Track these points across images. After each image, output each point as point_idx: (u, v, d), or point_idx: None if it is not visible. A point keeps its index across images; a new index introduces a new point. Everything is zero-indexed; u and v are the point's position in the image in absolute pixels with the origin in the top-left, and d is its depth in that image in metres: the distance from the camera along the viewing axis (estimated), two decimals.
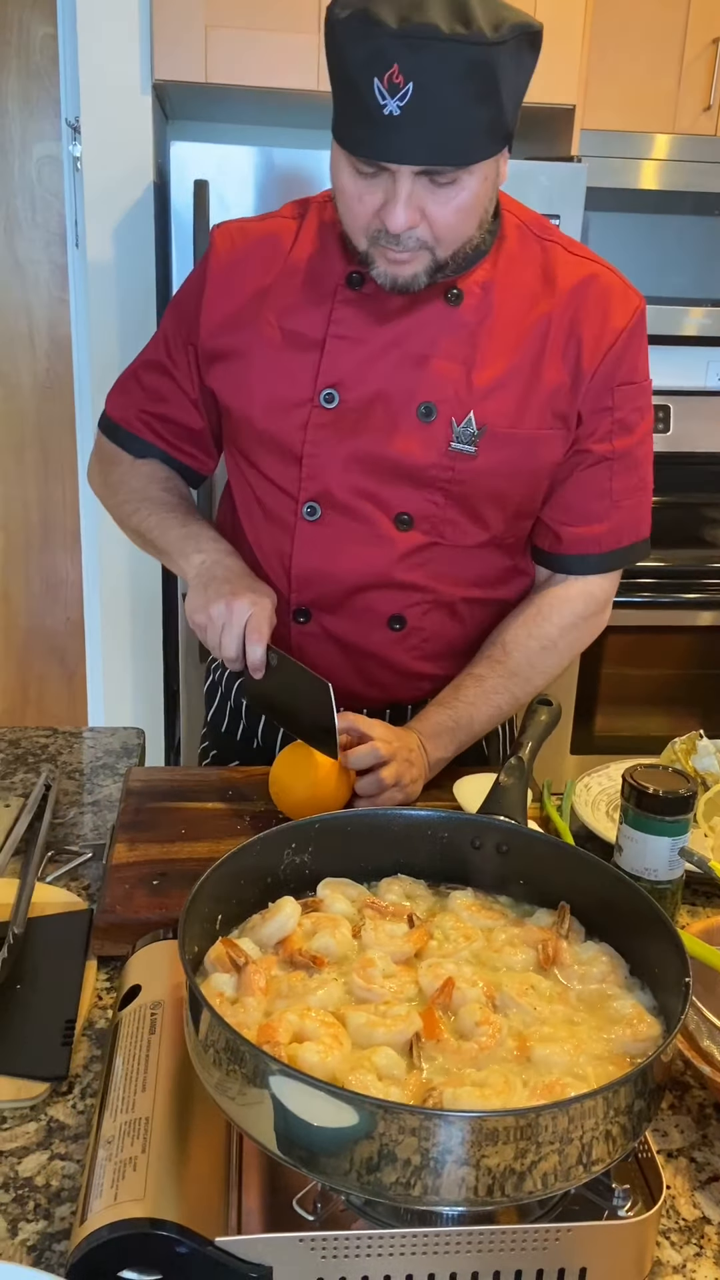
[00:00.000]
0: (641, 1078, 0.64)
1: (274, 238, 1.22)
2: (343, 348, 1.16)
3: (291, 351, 1.18)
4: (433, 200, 1.03)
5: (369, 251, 1.08)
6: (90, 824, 1.21)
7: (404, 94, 0.95)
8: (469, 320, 1.16)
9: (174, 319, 1.29)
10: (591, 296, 1.17)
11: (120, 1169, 0.66)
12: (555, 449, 1.20)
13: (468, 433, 1.16)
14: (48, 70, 2.65)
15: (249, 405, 1.21)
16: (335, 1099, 0.61)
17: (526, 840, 0.88)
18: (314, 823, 0.88)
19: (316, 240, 1.20)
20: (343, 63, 0.98)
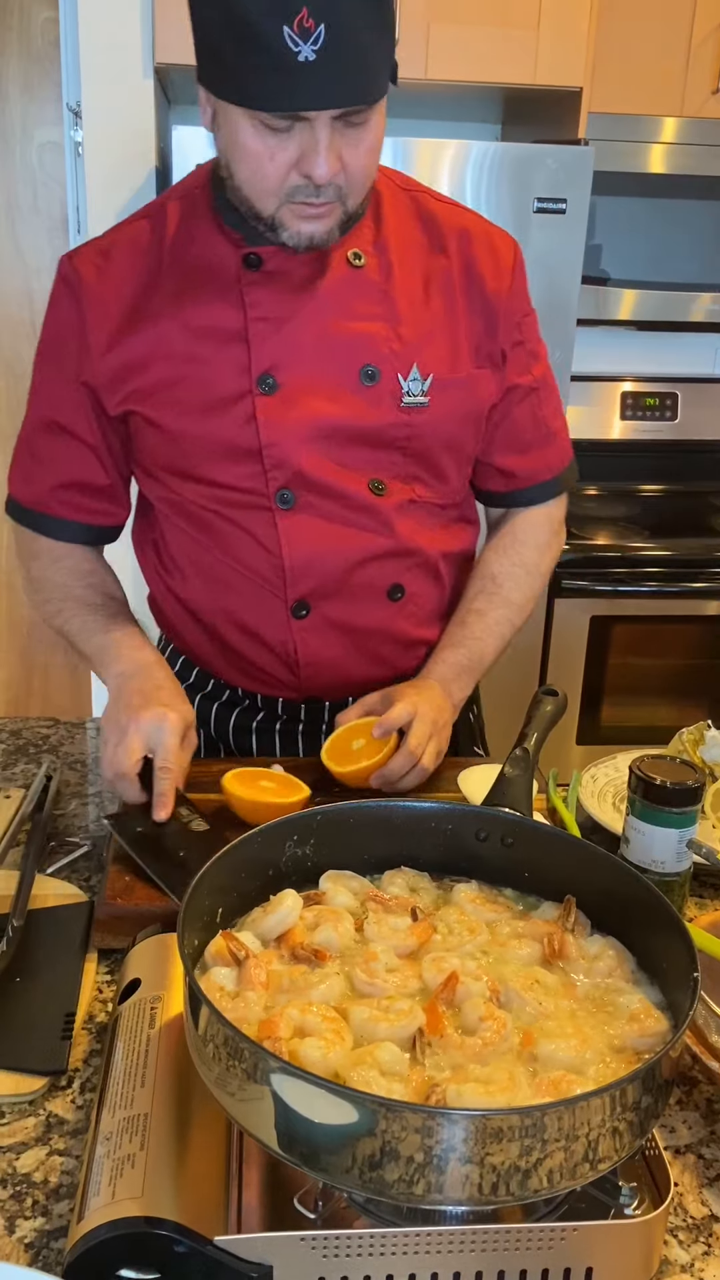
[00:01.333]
0: (649, 1074, 0.62)
1: (135, 245, 1.16)
2: (267, 330, 1.13)
3: (210, 349, 1.14)
4: (346, 144, 1.00)
5: (277, 214, 1.05)
6: (92, 816, 1.20)
7: (316, 37, 0.91)
8: (376, 279, 1.16)
9: (51, 369, 1.20)
10: (477, 241, 1.20)
11: (118, 1166, 0.65)
12: (491, 389, 1.23)
13: (417, 385, 1.16)
14: (49, 55, 2.63)
15: (181, 417, 1.15)
16: (337, 1096, 0.59)
17: (531, 832, 0.87)
18: (316, 814, 0.86)
19: (185, 233, 1.15)
20: (240, 16, 0.92)
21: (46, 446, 1.22)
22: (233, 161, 1.04)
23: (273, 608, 1.22)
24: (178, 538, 1.25)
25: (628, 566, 2.52)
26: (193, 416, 1.15)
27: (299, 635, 1.24)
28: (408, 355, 1.16)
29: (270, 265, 1.12)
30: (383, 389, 1.16)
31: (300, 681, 1.27)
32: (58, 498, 1.23)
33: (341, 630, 1.24)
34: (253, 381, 1.13)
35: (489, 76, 2.32)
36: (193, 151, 2.22)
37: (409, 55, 2.28)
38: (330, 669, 1.26)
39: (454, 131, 2.75)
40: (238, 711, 1.34)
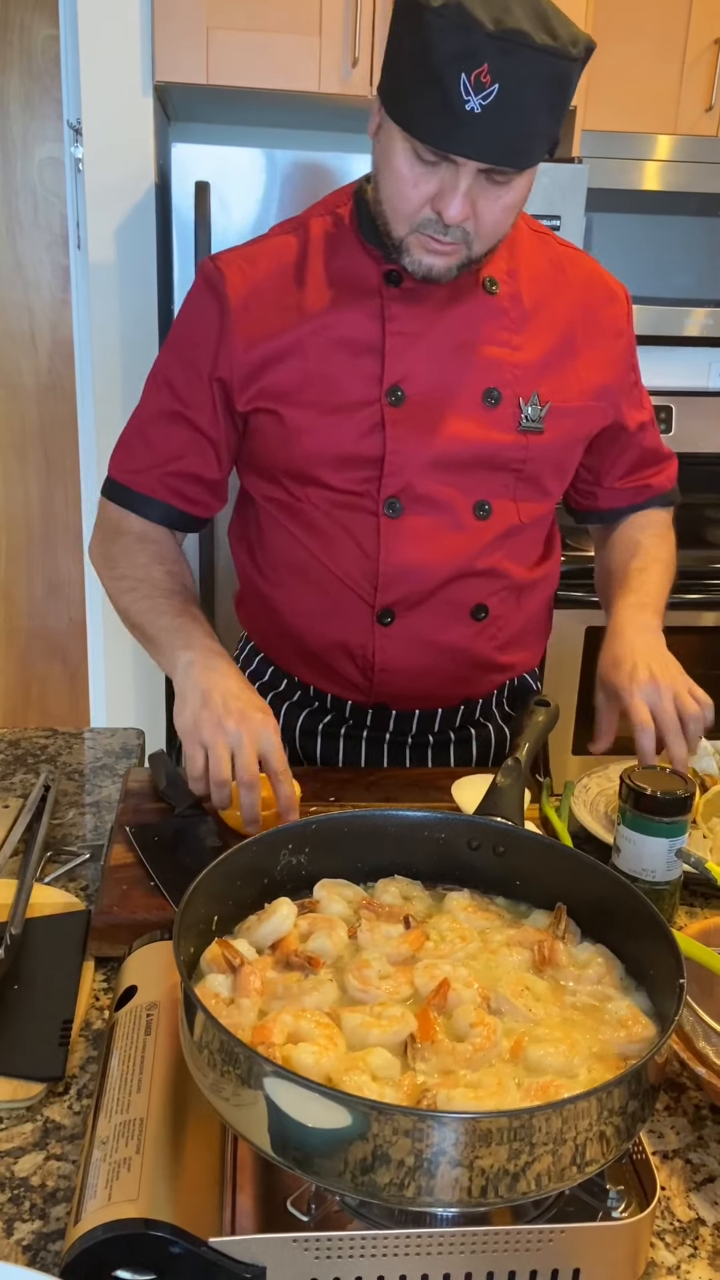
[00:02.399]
0: (635, 1079, 0.64)
1: (280, 257, 1.21)
2: (402, 344, 1.18)
3: (346, 356, 1.18)
4: (484, 197, 1.06)
5: (406, 239, 1.10)
6: (89, 825, 1.21)
7: (489, 93, 0.97)
8: (507, 306, 1.21)
9: (182, 362, 1.24)
10: (597, 286, 1.28)
11: (115, 1169, 0.66)
12: (599, 421, 1.30)
13: (536, 410, 1.22)
14: (50, 72, 2.66)
15: (308, 418, 1.19)
16: (329, 1100, 0.61)
17: (523, 842, 0.88)
18: (310, 823, 0.88)
19: (330, 248, 1.20)
20: (428, 52, 0.98)
21: (163, 435, 1.25)
22: (381, 175, 1.10)
23: (359, 611, 1.26)
24: (278, 536, 1.28)
25: None
26: (319, 419, 1.19)
27: (380, 641, 1.27)
28: (529, 382, 1.22)
29: (410, 283, 1.17)
30: (503, 412, 1.21)
31: (372, 686, 1.30)
32: (165, 483, 1.25)
33: (421, 642, 1.27)
34: (382, 392, 1.18)
35: None
36: (191, 168, 2.24)
37: None
38: (403, 678, 1.29)
39: None
40: (306, 713, 1.37)
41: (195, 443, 1.24)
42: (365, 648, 1.27)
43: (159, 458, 1.25)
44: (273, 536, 1.29)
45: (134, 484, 1.26)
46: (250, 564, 1.34)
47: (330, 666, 1.31)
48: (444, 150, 1.02)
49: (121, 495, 1.27)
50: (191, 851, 1.06)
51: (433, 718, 1.35)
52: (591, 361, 1.26)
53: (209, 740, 1.04)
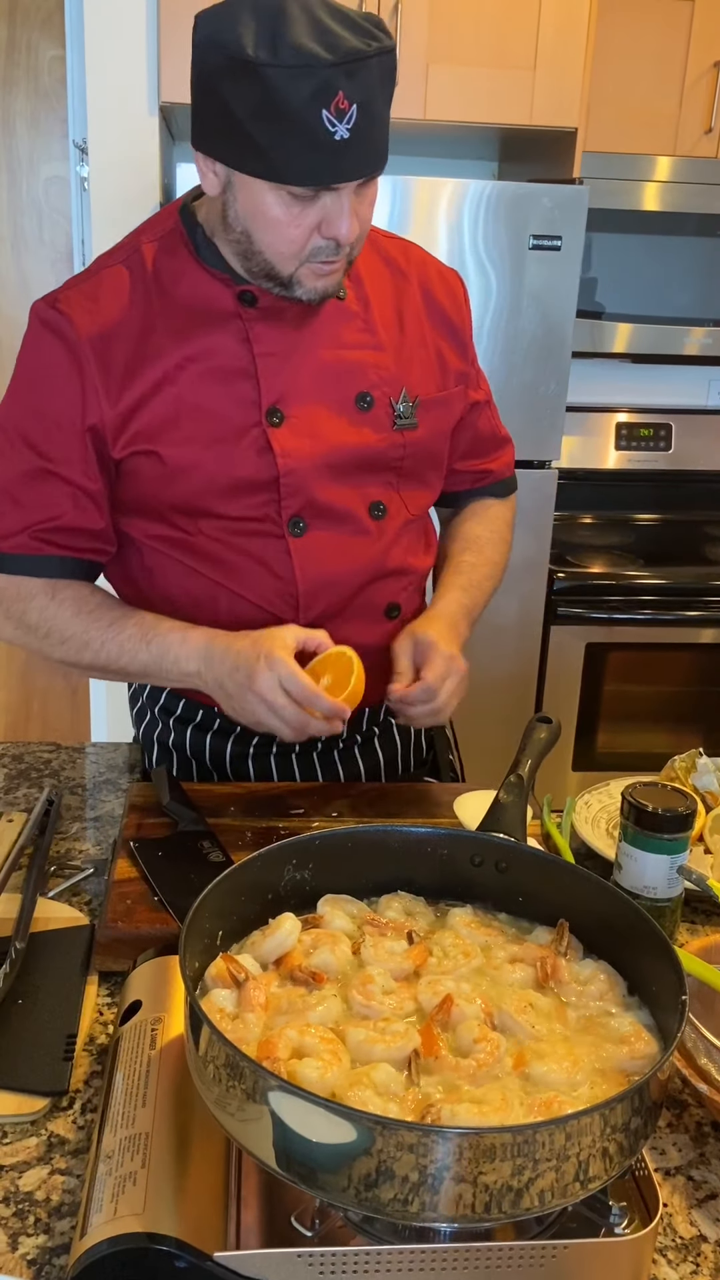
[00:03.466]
0: (638, 1095, 0.64)
1: (119, 290, 1.16)
2: (273, 365, 1.17)
3: (219, 384, 1.16)
4: (360, 204, 1.08)
5: (296, 273, 1.10)
6: (92, 839, 1.22)
7: (350, 116, 0.99)
8: (358, 310, 1.23)
9: (40, 416, 1.16)
10: (430, 271, 1.30)
11: (120, 1184, 0.67)
12: (461, 405, 1.33)
13: (407, 407, 1.24)
14: (56, 91, 2.69)
15: (189, 453, 1.16)
16: (334, 1115, 0.61)
17: (525, 858, 0.89)
18: (315, 839, 0.88)
19: (169, 273, 1.17)
20: (281, 102, 0.98)
21: (32, 495, 1.17)
22: (254, 229, 1.08)
23: None
24: (172, 573, 1.24)
25: (623, 594, 2.55)
26: (201, 451, 1.16)
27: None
28: (395, 380, 1.24)
29: (265, 302, 1.16)
30: (378, 413, 1.23)
31: None
32: (44, 539, 1.18)
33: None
34: (262, 414, 1.17)
35: (486, 117, 2.38)
36: None
37: (408, 96, 2.34)
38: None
39: (452, 170, 2.81)
40: (232, 739, 1.34)
41: (73, 497, 1.17)
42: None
43: (35, 518, 1.17)
44: (165, 575, 1.24)
45: (15, 548, 1.18)
46: (143, 603, 1.26)
47: None
48: (326, 184, 1.03)
49: (7, 563, 1.19)
50: (195, 867, 1.07)
51: (360, 719, 1.36)
52: (443, 347, 1.29)
53: (255, 720, 1.12)
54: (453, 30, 2.33)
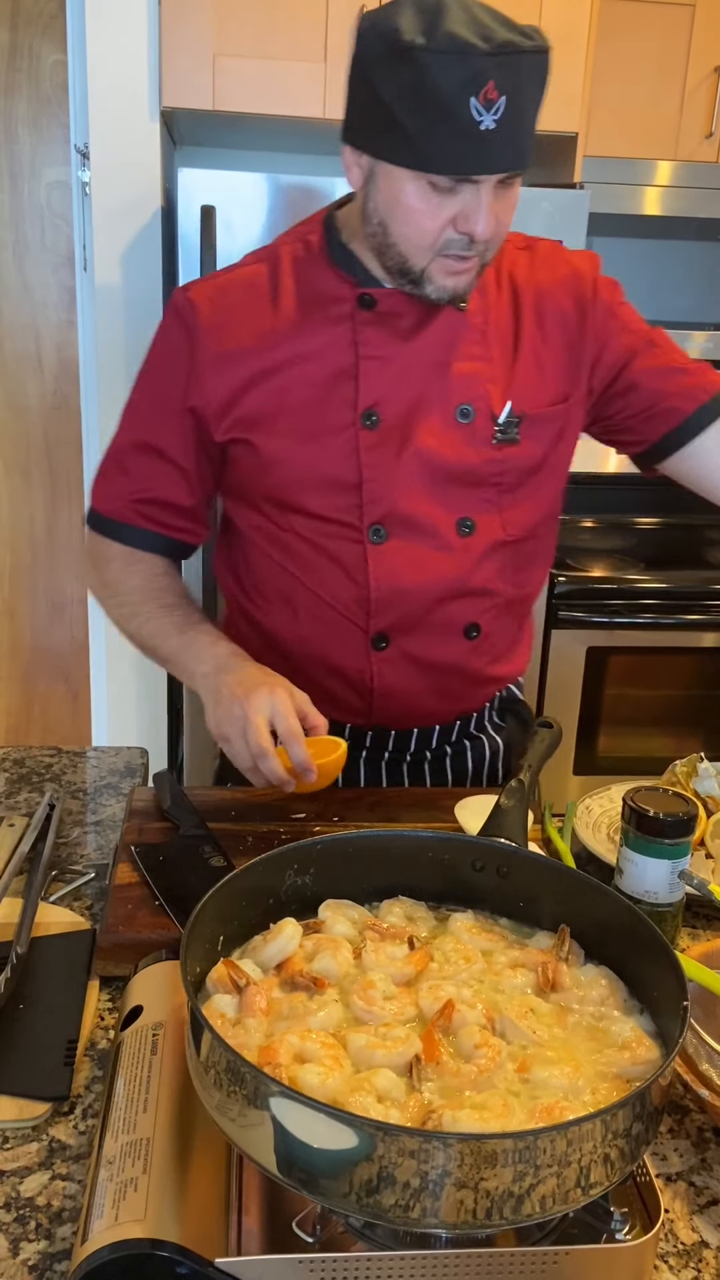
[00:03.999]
0: (639, 1101, 0.64)
1: (251, 284, 1.22)
2: (375, 368, 1.19)
3: (319, 383, 1.19)
4: (500, 204, 1.08)
5: (428, 267, 1.11)
6: (94, 844, 1.22)
7: (498, 108, 1.00)
8: (477, 322, 1.21)
9: (152, 393, 1.25)
10: (565, 276, 1.25)
11: (121, 1189, 0.67)
12: (580, 413, 1.28)
13: (509, 422, 1.22)
14: (58, 97, 2.69)
15: (283, 446, 1.20)
16: (335, 1121, 0.61)
17: (527, 863, 0.89)
18: (316, 844, 0.88)
19: (300, 275, 1.21)
20: (432, 88, 1.00)
21: (136, 464, 1.26)
22: (391, 220, 1.10)
23: (353, 638, 1.26)
24: (264, 564, 1.29)
25: (624, 598, 2.55)
26: (295, 446, 1.20)
27: (376, 666, 1.27)
28: (501, 394, 1.22)
29: (383, 306, 1.18)
30: (477, 426, 1.21)
31: (371, 710, 1.31)
32: (138, 510, 1.26)
33: (417, 664, 1.28)
34: (357, 416, 1.19)
35: None
36: (197, 192, 2.27)
37: None
38: (402, 700, 1.31)
39: None
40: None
41: (166, 472, 1.25)
42: (363, 673, 1.28)
43: (133, 485, 1.26)
44: (259, 564, 1.30)
45: (113, 512, 1.28)
46: (239, 591, 1.34)
47: (327, 691, 1.31)
48: (469, 174, 1.04)
49: (103, 525, 1.29)
50: (196, 871, 1.07)
51: (430, 735, 1.35)
52: (555, 364, 1.24)
53: (226, 732, 1.09)
54: None
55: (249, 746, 1.07)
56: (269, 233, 2.33)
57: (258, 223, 2.32)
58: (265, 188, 2.30)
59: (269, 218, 2.33)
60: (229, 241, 2.31)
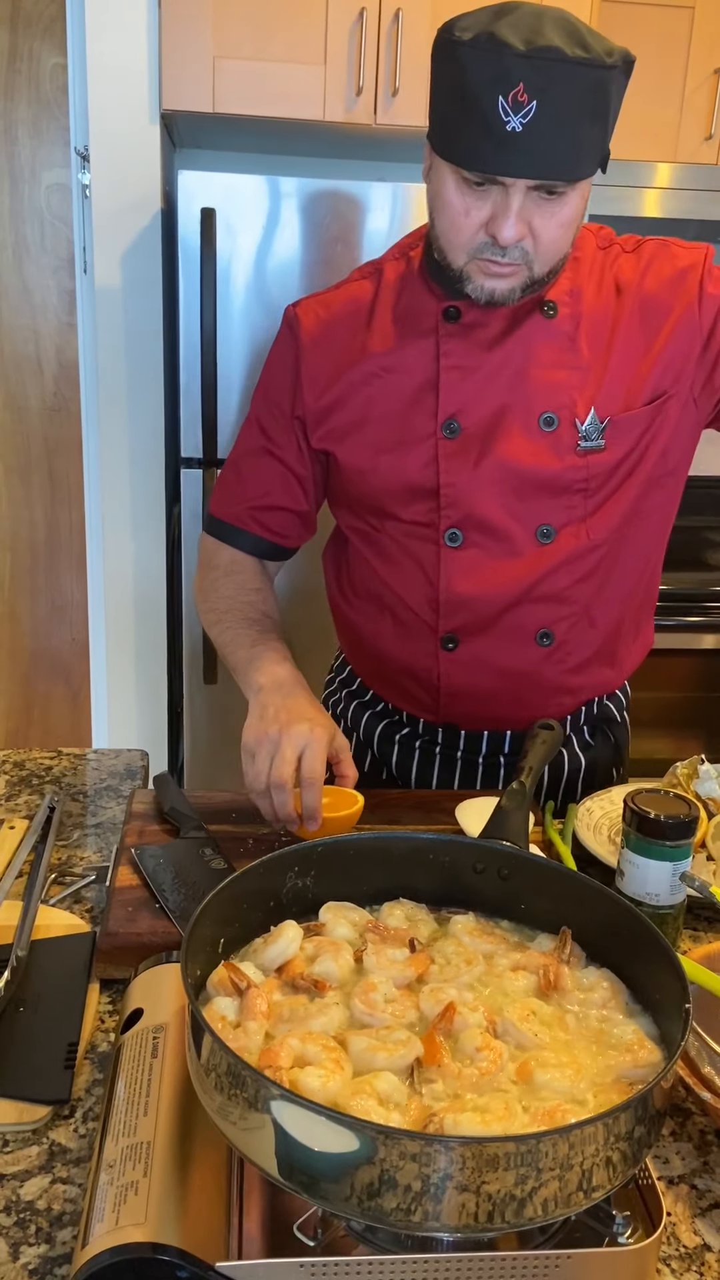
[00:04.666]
0: (642, 1104, 0.64)
1: (354, 301, 1.27)
2: (456, 378, 1.20)
3: (405, 395, 1.22)
4: (539, 214, 1.08)
5: (465, 267, 1.12)
6: (94, 846, 1.22)
7: (527, 111, 1.00)
8: (566, 328, 1.21)
9: (269, 402, 1.31)
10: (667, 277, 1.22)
11: (122, 1193, 0.67)
12: (688, 412, 1.25)
13: (594, 428, 1.21)
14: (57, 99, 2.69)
15: (369, 456, 1.24)
16: (336, 1124, 0.61)
17: (528, 865, 0.89)
18: (317, 846, 0.88)
19: (399, 290, 1.25)
20: (465, 82, 1.01)
21: (253, 470, 1.32)
22: (435, 210, 1.13)
23: (425, 637, 1.29)
24: (359, 564, 1.35)
25: None
26: (376, 456, 1.24)
27: (444, 666, 1.29)
28: (587, 401, 1.21)
29: (468, 318, 1.19)
30: (561, 434, 1.21)
31: (439, 707, 1.34)
32: (254, 516, 1.33)
33: (486, 667, 1.29)
34: (437, 426, 1.20)
35: None
36: (197, 195, 2.27)
37: (409, 103, 2.34)
38: (469, 701, 1.32)
39: None
40: (385, 723, 1.42)
41: (283, 478, 1.31)
42: (430, 672, 1.31)
43: (250, 493, 1.32)
44: (355, 564, 1.36)
45: (226, 517, 1.35)
46: (336, 589, 1.42)
47: (402, 687, 1.36)
48: (489, 173, 1.04)
49: (216, 528, 1.36)
50: (197, 874, 1.07)
51: (501, 739, 1.36)
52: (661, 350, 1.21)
53: (253, 748, 1.08)
54: None
55: (270, 773, 1.06)
56: (269, 235, 2.34)
57: (257, 225, 2.32)
58: (265, 190, 2.31)
59: (268, 220, 2.33)
60: (229, 243, 2.31)
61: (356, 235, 2.35)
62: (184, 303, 2.33)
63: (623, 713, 1.45)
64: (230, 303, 2.35)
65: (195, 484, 2.43)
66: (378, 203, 2.33)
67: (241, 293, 2.35)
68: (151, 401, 2.58)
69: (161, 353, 2.56)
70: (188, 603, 2.51)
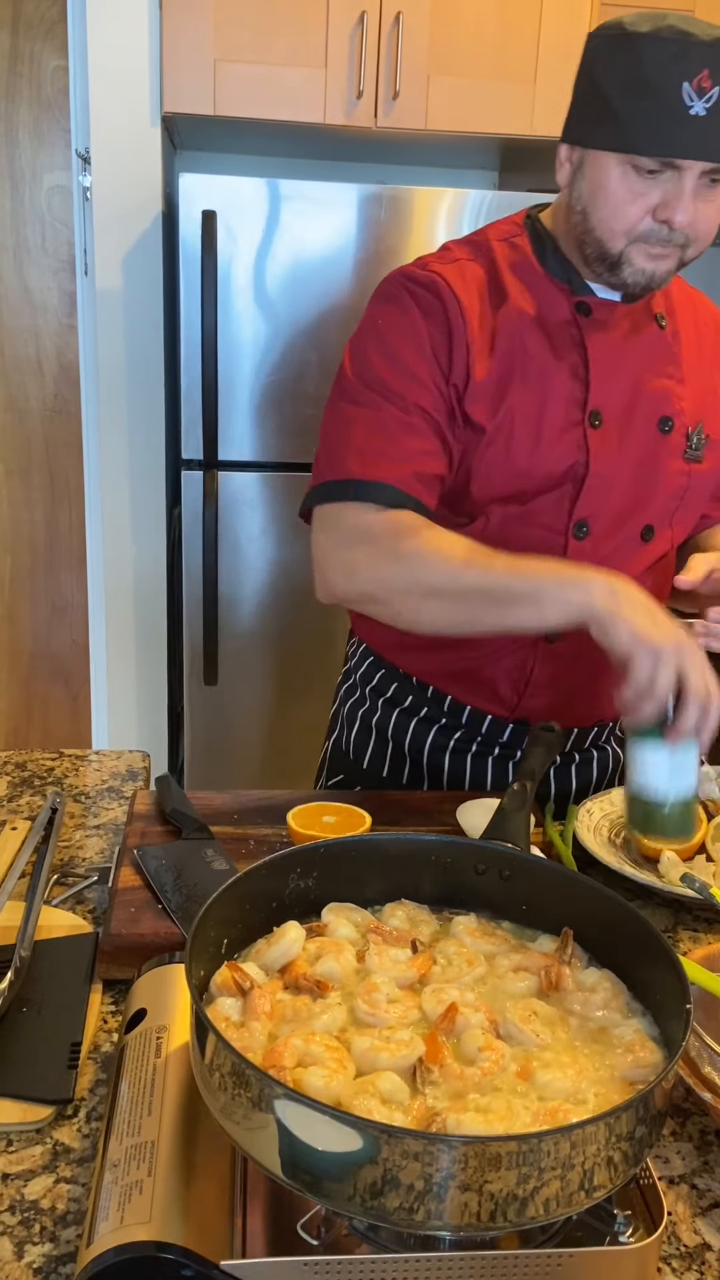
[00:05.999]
0: (643, 1104, 0.64)
1: (476, 278, 1.23)
2: (602, 371, 1.23)
3: (550, 383, 1.22)
4: (701, 199, 1.10)
5: (626, 250, 1.14)
6: (96, 847, 1.22)
7: (710, 97, 1.04)
8: (670, 341, 1.27)
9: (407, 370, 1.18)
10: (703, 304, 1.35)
11: (126, 1192, 0.67)
12: None
13: (698, 441, 1.27)
14: (58, 102, 2.70)
15: (518, 436, 1.21)
16: (340, 1123, 0.61)
17: (529, 866, 0.89)
18: (319, 847, 0.88)
19: (519, 277, 1.24)
20: (648, 71, 1.05)
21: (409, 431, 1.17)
22: (592, 206, 1.14)
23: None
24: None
25: None
26: (521, 438, 1.21)
27: (542, 657, 1.30)
28: (694, 413, 1.28)
29: (598, 315, 1.22)
30: (675, 440, 1.26)
31: (520, 702, 1.33)
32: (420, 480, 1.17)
33: (580, 661, 1.28)
34: (585, 415, 1.22)
35: (487, 127, 2.39)
36: (198, 197, 2.27)
37: (409, 106, 2.35)
38: (553, 695, 1.33)
39: (452, 180, 2.82)
40: (436, 729, 1.38)
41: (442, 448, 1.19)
42: (526, 664, 1.31)
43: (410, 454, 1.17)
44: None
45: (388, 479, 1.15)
46: None
47: (481, 681, 1.33)
48: (672, 156, 1.07)
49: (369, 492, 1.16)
50: (199, 875, 1.07)
51: (566, 737, 1.34)
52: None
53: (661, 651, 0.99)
54: (453, 42, 2.35)
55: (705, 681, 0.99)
56: (269, 237, 2.34)
57: (258, 227, 2.33)
58: (266, 192, 2.31)
59: (269, 222, 2.33)
60: (230, 246, 2.32)
61: (358, 238, 2.35)
62: (184, 305, 2.34)
63: None
64: (231, 305, 2.35)
65: (196, 486, 2.43)
66: (379, 205, 2.34)
67: (242, 295, 2.35)
68: (152, 403, 2.58)
69: (162, 355, 2.56)
70: (188, 604, 2.52)
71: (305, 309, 2.38)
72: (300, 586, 2.55)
